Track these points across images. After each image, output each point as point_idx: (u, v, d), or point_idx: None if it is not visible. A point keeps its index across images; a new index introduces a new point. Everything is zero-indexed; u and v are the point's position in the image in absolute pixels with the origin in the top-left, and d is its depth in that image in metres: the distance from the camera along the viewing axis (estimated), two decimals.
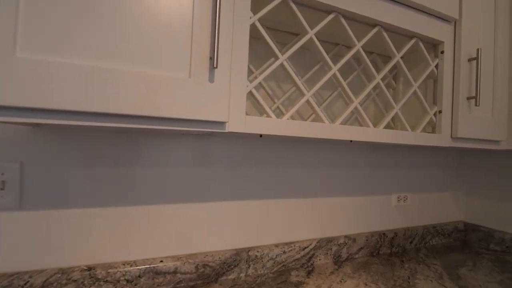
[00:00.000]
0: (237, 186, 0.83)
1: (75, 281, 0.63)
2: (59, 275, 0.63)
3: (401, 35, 0.77)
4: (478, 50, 0.78)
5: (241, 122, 0.54)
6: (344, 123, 0.90)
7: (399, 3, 0.72)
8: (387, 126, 0.79)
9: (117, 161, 0.70)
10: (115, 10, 0.43)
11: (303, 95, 0.64)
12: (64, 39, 0.41)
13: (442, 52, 0.81)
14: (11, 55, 0.38)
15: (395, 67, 0.84)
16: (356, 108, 0.71)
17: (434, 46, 0.83)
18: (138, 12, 0.45)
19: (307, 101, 0.65)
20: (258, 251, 0.82)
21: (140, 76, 0.44)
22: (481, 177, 1.22)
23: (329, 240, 0.94)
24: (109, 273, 0.66)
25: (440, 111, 0.81)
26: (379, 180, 1.08)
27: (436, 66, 0.82)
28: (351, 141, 0.83)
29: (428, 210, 1.20)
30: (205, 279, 0.75)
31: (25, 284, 0.60)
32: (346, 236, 0.97)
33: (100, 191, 0.68)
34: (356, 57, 0.94)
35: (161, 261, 0.72)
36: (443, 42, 0.80)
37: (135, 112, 0.44)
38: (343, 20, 0.67)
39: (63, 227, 0.65)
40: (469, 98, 0.81)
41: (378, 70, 0.86)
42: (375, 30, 0.71)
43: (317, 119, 0.67)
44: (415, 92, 0.78)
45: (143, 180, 0.72)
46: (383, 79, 0.84)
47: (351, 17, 0.68)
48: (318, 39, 0.67)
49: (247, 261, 0.81)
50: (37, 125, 0.54)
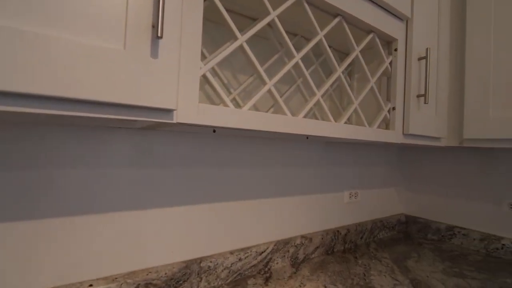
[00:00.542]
0: (185, 190, 0.72)
1: None
2: None
3: (360, 29, 0.76)
4: (427, 49, 0.81)
5: (193, 110, 0.44)
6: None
7: None
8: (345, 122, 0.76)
9: (27, 161, 0.53)
10: None
11: (264, 83, 0.56)
12: None
13: (396, 50, 0.82)
14: None
15: (349, 64, 0.83)
16: (318, 101, 0.66)
17: (388, 44, 0.84)
18: None
19: (269, 91, 0.58)
20: (211, 261, 0.73)
21: (50, 41, 0.31)
22: (419, 172, 1.32)
23: (286, 242, 0.89)
24: None
25: (394, 108, 0.82)
26: (333, 177, 1.07)
27: (390, 64, 0.82)
28: (307, 137, 0.79)
29: (375, 205, 1.25)
30: None
31: None
32: (302, 236, 0.94)
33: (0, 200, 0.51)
34: (315, 51, 0.91)
35: (91, 285, 0.57)
36: (396, 40, 0.81)
37: (43, 92, 0.31)
38: (306, 5, 0.62)
39: None
40: (418, 96, 0.84)
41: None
42: (336, 20, 0.68)
43: (278, 111, 0.60)
44: (371, 89, 0.78)
45: (63, 185, 0.56)
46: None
47: (314, 3, 0.63)
48: None
49: (198, 274, 0.71)
50: None
